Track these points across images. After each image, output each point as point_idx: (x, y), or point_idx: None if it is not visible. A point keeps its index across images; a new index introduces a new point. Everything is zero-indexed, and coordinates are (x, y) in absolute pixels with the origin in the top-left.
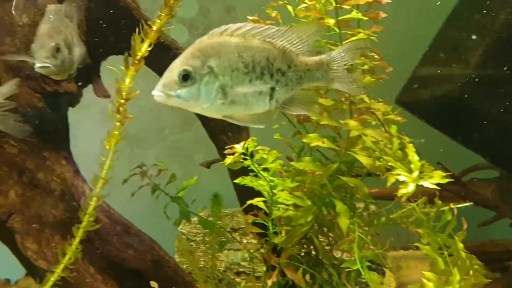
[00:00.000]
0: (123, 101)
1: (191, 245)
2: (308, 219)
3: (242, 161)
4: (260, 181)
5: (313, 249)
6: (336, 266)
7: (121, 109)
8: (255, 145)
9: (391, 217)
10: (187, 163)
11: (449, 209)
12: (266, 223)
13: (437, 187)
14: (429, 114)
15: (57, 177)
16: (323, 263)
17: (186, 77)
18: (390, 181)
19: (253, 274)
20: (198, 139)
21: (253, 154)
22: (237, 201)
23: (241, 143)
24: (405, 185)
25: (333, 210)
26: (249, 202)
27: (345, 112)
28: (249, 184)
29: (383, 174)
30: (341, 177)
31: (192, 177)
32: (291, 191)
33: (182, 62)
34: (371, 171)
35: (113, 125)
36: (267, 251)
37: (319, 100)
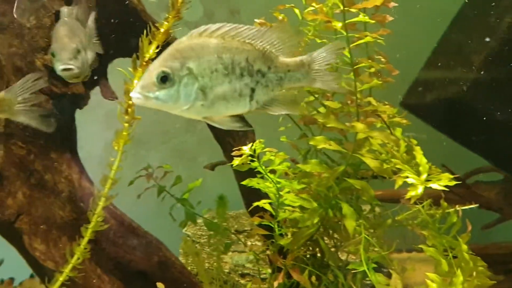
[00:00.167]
0: (131, 102)
1: (195, 247)
2: (315, 221)
3: (249, 163)
4: (266, 183)
5: (318, 251)
6: (342, 268)
7: (129, 110)
8: (263, 147)
9: (396, 219)
10: (191, 165)
11: (454, 211)
12: (272, 225)
13: (446, 189)
14: (434, 117)
15: (64, 178)
16: (328, 265)
17: (165, 78)
18: (397, 183)
19: (258, 276)
20: (201, 141)
21: (259, 156)
22: (240, 203)
23: (249, 145)
24: (413, 187)
25: (339, 212)
26: (255, 204)
27: (351, 114)
28: (256, 186)
29: (390, 177)
30: (347, 179)
31: (196, 179)
32: (298, 193)
33: (160, 63)
34: (377, 173)
35: (118, 127)
36: (273, 252)
37: (326, 103)
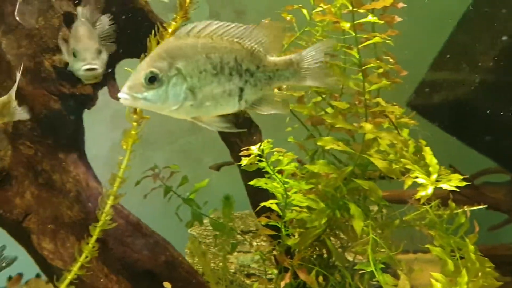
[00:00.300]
0: None
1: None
2: (322, 221)
3: (257, 163)
4: (274, 183)
5: (325, 251)
6: (348, 268)
7: (138, 109)
8: (271, 147)
9: (404, 219)
10: (196, 166)
11: (462, 212)
12: (279, 225)
13: (456, 189)
14: (440, 118)
15: (72, 178)
16: (335, 265)
17: (153, 79)
18: (407, 183)
19: (265, 276)
20: (207, 142)
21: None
22: (246, 204)
23: (257, 145)
24: (423, 187)
25: (346, 213)
26: (262, 204)
27: (359, 115)
28: (264, 186)
29: (398, 177)
30: (355, 180)
31: (201, 180)
32: (305, 193)
33: (148, 64)
34: (385, 174)
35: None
36: (280, 253)
37: (334, 103)
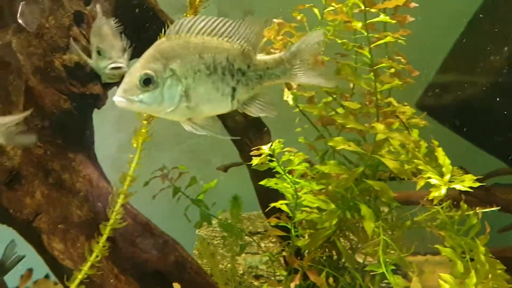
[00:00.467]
0: None
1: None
2: (333, 222)
3: (267, 163)
4: (284, 183)
5: (335, 252)
6: (358, 269)
7: None
8: (282, 147)
9: (415, 219)
10: (204, 166)
11: (474, 213)
12: (289, 226)
13: (470, 190)
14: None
15: (82, 178)
16: (344, 266)
17: (148, 81)
18: (419, 184)
19: (274, 278)
20: (215, 143)
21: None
22: (253, 205)
23: (268, 145)
24: (436, 188)
25: (357, 214)
26: (272, 204)
27: (370, 115)
28: (274, 186)
29: (410, 178)
30: (366, 180)
31: (209, 181)
32: (316, 194)
33: (142, 65)
34: (397, 175)
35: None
36: (289, 254)
37: (345, 103)
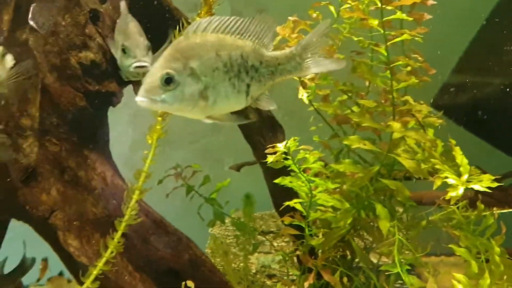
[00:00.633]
0: None
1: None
2: (348, 221)
3: (282, 161)
4: (299, 182)
5: (349, 252)
6: (372, 269)
7: None
8: (297, 145)
9: (430, 219)
10: (217, 166)
11: (491, 214)
12: (303, 225)
13: (488, 190)
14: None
15: (97, 175)
16: (358, 266)
17: (169, 80)
18: (436, 184)
19: (287, 277)
20: (228, 142)
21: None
22: (266, 204)
23: (283, 143)
24: (454, 188)
25: (372, 213)
26: (286, 203)
27: (385, 114)
28: (289, 184)
29: (426, 177)
30: (382, 179)
31: (222, 180)
32: (331, 193)
33: (162, 65)
34: (413, 174)
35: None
36: (303, 253)
37: (360, 102)
